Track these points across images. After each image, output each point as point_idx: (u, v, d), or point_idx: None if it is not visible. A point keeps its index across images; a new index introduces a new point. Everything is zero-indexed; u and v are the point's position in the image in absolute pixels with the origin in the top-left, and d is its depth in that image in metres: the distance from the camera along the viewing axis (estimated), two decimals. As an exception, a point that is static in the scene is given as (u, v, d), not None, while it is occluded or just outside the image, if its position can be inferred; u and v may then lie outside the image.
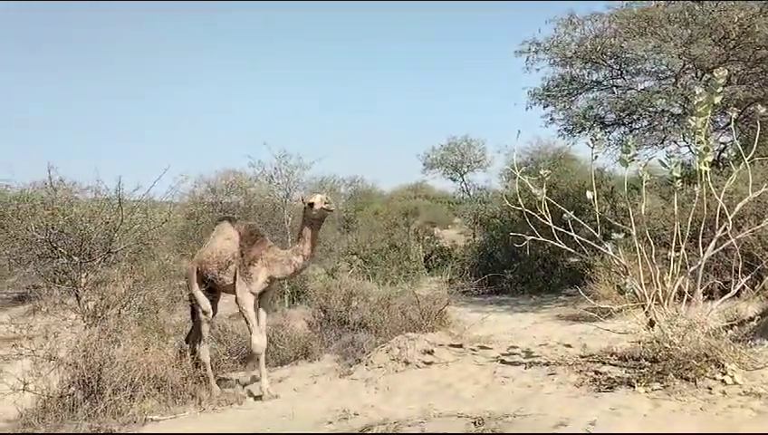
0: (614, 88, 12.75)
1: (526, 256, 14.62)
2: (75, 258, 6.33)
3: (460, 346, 6.99)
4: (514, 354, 6.58)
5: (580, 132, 13.38)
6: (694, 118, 5.07)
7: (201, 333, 6.79)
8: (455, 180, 28.28)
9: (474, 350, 6.88)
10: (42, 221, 6.30)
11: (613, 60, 12.30)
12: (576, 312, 10.96)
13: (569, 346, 6.94)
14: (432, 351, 6.73)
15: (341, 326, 9.98)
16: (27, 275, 7.48)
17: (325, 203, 6.09)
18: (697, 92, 5.16)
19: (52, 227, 6.22)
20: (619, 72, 12.60)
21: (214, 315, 7.06)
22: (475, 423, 3.59)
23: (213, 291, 6.83)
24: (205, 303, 6.72)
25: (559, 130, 13.61)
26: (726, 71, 5.31)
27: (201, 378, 6.34)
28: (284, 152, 17.00)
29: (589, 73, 12.89)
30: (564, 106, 12.96)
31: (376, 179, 40.34)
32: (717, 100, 5.10)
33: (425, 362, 6.52)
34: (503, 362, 6.31)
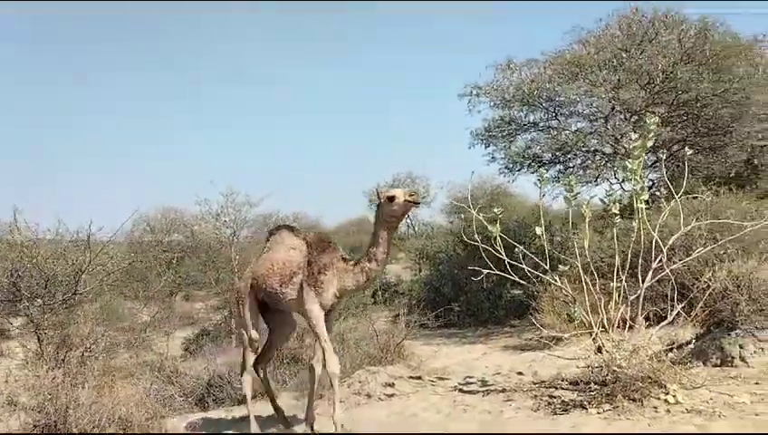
0: (549, 129, 13.52)
1: (472, 289, 15.09)
2: (38, 300, 6.26)
3: (419, 378, 7.26)
4: (471, 383, 6.89)
5: (519, 170, 14.08)
6: (630, 160, 5.58)
7: (244, 360, 6.30)
8: (399, 216, 28.76)
9: (432, 381, 7.16)
10: (8, 264, 6.19)
11: (548, 103, 13.08)
12: (522, 341, 11.40)
13: (521, 374, 7.31)
14: (393, 383, 6.96)
15: (296, 364, 10.07)
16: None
17: (410, 196, 5.39)
18: (633, 137, 5.70)
19: (16, 270, 6.12)
20: (554, 114, 13.39)
21: (286, 338, 6.66)
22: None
23: (266, 310, 6.27)
24: (252, 331, 6.14)
25: (500, 169, 14.29)
26: (657, 117, 5.88)
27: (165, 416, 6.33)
28: (231, 190, 17.09)
29: (526, 115, 13.63)
30: (504, 146, 13.64)
31: (320, 215, 40.47)
32: (650, 143, 5.64)
33: (386, 395, 6.75)
34: (461, 391, 6.60)
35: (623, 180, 13.61)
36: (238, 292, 6.36)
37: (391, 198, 5.33)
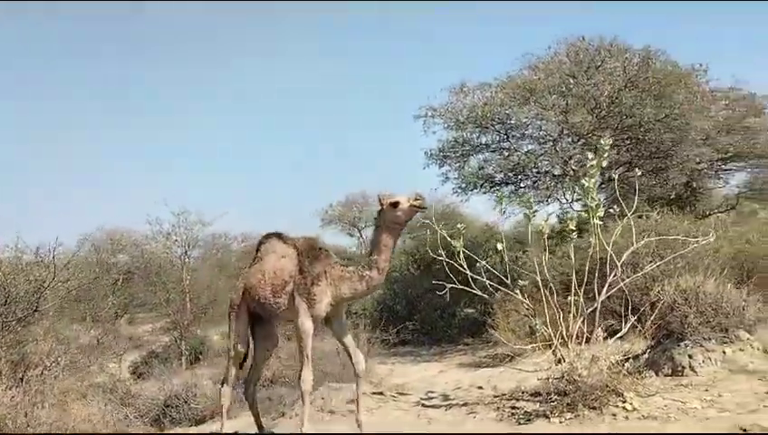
0: (502, 150, 13.89)
1: (425, 307, 15.26)
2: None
3: (381, 393, 7.33)
4: (433, 398, 7.00)
5: (472, 190, 14.38)
6: (587, 179, 5.85)
7: (228, 371, 6.05)
8: (352, 235, 28.75)
9: (394, 396, 7.24)
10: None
11: (500, 125, 13.44)
12: (477, 359, 11.59)
13: (481, 388, 7.45)
14: (354, 400, 6.99)
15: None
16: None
17: (415, 200, 5.20)
18: (589, 157, 5.98)
19: None
20: (506, 136, 13.76)
21: (267, 350, 6.33)
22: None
23: (259, 321, 6.05)
24: (241, 345, 5.92)
25: (453, 188, 14.55)
26: (611, 139, 6.18)
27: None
28: (183, 209, 16.87)
29: (478, 137, 13.94)
30: (458, 166, 13.93)
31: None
32: (605, 163, 5.94)
33: (349, 411, 6.77)
34: (423, 405, 6.71)
35: (572, 200, 14.14)
36: (231, 304, 6.11)
37: (395, 204, 5.18)
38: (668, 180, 14.35)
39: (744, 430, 4.34)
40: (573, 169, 12.44)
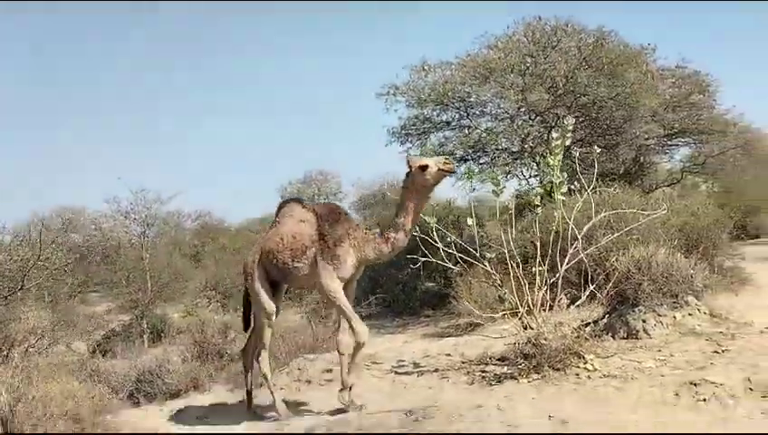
0: (462, 128, 14.22)
1: (387, 282, 15.60)
2: None
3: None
4: (404, 366, 7.33)
5: (433, 166, 14.72)
6: (551, 157, 6.20)
7: (262, 340, 6.14)
8: (311, 212, 28.95)
9: (367, 366, 7.52)
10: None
11: (460, 103, 13.76)
12: (440, 329, 12.00)
13: (449, 355, 7.81)
14: (331, 369, 7.27)
15: (220, 358, 10.18)
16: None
17: (444, 164, 5.24)
18: (554, 136, 6.33)
19: None
20: (466, 113, 14.10)
21: (276, 316, 6.27)
22: (406, 414, 4.24)
23: (275, 287, 6.12)
24: (269, 303, 5.98)
25: (415, 166, 14.85)
26: (573, 119, 6.54)
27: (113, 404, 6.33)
28: (142, 188, 16.70)
29: (439, 114, 14.26)
30: (420, 143, 14.21)
31: (225, 213, 39.79)
32: (568, 142, 6.30)
33: (326, 380, 7.06)
34: (396, 372, 7.03)
35: (530, 176, 14.62)
36: (246, 268, 6.13)
37: (424, 167, 5.20)
38: (618, 156, 14.99)
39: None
40: (531, 146, 12.87)
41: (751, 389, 4.68)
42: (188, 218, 33.40)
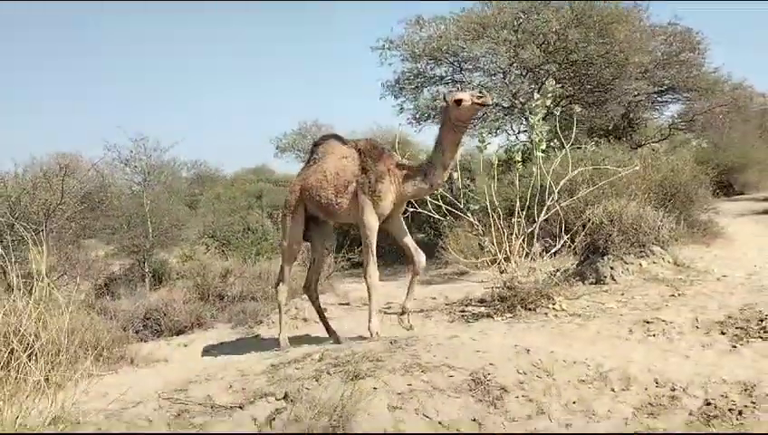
0: (455, 82, 14.56)
1: (380, 232, 16.14)
2: (6, 237, 6.53)
3: (348, 304, 8.27)
4: (393, 307, 7.96)
5: (426, 120, 15.15)
6: (532, 116, 6.68)
7: (282, 272, 6.32)
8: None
9: (359, 306, 8.17)
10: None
11: (454, 58, 14.09)
12: (428, 277, 12.64)
13: (434, 298, 8.44)
14: (326, 309, 7.89)
15: (221, 300, 10.81)
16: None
17: (478, 97, 5.26)
18: (535, 97, 6.79)
19: None
20: (459, 68, 14.44)
21: (326, 249, 6.57)
22: (391, 343, 4.85)
23: (314, 221, 6.22)
24: (296, 242, 6.14)
25: (408, 119, 15.27)
26: (554, 81, 6.99)
27: (126, 338, 6.93)
28: (141, 136, 17.01)
29: (433, 69, 14.60)
30: (413, 97, 14.59)
31: (221, 163, 40.17)
32: (549, 102, 6.77)
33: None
34: (385, 313, 7.66)
35: (519, 132, 15.06)
36: (287, 204, 6.20)
37: (459, 102, 5.22)
38: (607, 112, 15.40)
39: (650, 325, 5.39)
40: (521, 102, 13.27)
41: (697, 326, 5.29)
42: (184, 167, 33.58)
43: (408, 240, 6.00)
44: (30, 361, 4.87)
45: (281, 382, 4.35)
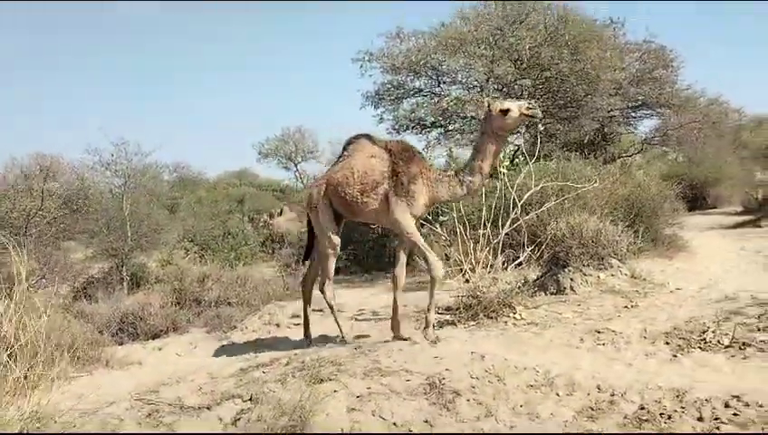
0: (433, 95, 14.93)
1: (358, 239, 16.44)
2: None
3: (321, 311, 8.49)
4: (363, 314, 8.27)
5: (405, 131, 15.49)
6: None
7: (326, 271, 6.32)
8: (288, 169, 29.57)
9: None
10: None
11: (432, 71, 14.44)
12: (404, 285, 12.95)
13: (405, 306, 8.67)
14: (299, 315, 8.14)
15: (198, 305, 11.01)
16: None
17: (527, 109, 5.27)
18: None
19: None
20: (437, 81, 14.80)
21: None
22: (355, 348, 5.12)
23: (337, 219, 6.23)
24: (334, 234, 6.16)
25: (387, 129, 15.60)
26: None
27: (102, 341, 7.12)
28: (123, 140, 17.17)
29: (412, 81, 14.93)
30: (393, 108, 14.92)
31: (203, 167, 40.31)
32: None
33: (294, 324, 7.94)
34: (356, 319, 7.95)
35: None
36: (311, 200, 6.23)
37: (505, 111, 5.23)
38: (581, 127, 15.83)
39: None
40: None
41: (645, 337, 5.62)
42: (166, 170, 33.64)
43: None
44: (9, 361, 5.08)
45: (248, 385, 4.60)
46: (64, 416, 4.44)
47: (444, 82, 14.77)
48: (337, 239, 6.21)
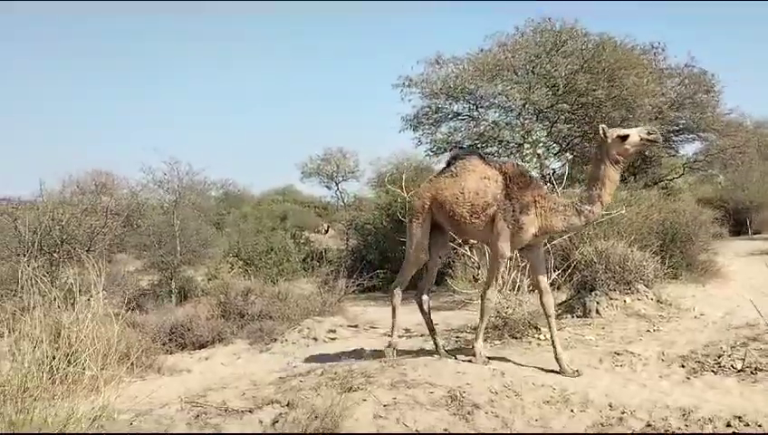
0: (471, 118, 15.33)
1: (396, 257, 16.85)
2: (55, 255, 7.41)
3: (356, 326, 8.98)
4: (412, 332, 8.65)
5: (442, 153, 15.93)
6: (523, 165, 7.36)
7: (401, 276, 6.31)
8: (329, 188, 30.31)
9: (366, 329, 8.88)
10: (36, 224, 7.25)
11: (470, 96, 14.85)
12: (439, 303, 13.27)
13: (437, 324, 9.05)
14: (335, 330, 8.63)
15: (242, 317, 11.57)
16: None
17: (648, 134, 5.15)
18: (525, 147, 7.48)
19: (44, 230, 7.21)
20: (475, 105, 15.20)
21: (440, 258, 6.39)
22: (383, 362, 5.54)
23: (436, 230, 6.06)
24: (422, 248, 5.98)
25: (425, 151, 16.08)
26: (544, 132, 7.67)
27: (154, 350, 7.70)
28: (175, 159, 18.13)
29: (450, 105, 15.37)
30: (431, 132, 15.37)
31: (249, 183, 41.50)
32: (540, 151, 7.45)
33: (330, 338, 8.41)
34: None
35: (532, 168, 15.70)
36: (413, 210, 6.08)
37: (624, 138, 5.12)
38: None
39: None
40: (532, 141, 13.95)
41: (662, 359, 5.88)
42: (213, 187, 34.74)
43: (542, 278, 5.73)
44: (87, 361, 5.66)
45: (286, 392, 5.06)
46: (123, 414, 4.98)
47: (482, 107, 15.15)
48: (424, 256, 6.07)
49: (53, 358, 4.59)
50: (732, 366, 5.41)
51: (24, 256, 7.27)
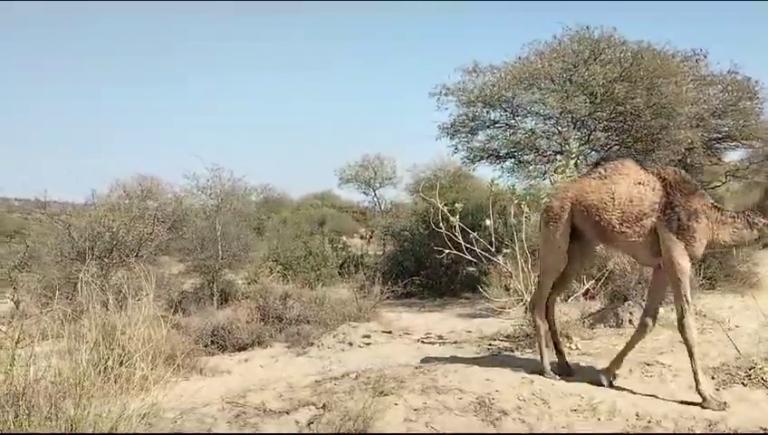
0: (507, 126, 15.39)
1: (432, 264, 17.03)
2: (105, 260, 7.84)
3: (390, 332, 9.18)
4: (430, 337, 8.83)
5: (479, 161, 16.03)
6: (557, 174, 7.47)
7: (540, 289, 5.83)
8: (367, 194, 30.64)
9: (400, 335, 9.07)
10: (87, 230, 7.70)
11: (507, 104, 14.91)
12: (474, 311, 13.39)
13: (469, 332, 9.26)
14: (369, 335, 8.85)
15: (280, 321, 11.88)
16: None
17: None
18: (558, 159, 7.59)
19: (95, 236, 7.65)
20: (512, 114, 15.25)
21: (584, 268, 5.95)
22: (416, 368, 5.73)
23: (578, 237, 5.58)
24: (562, 254, 5.50)
25: (462, 159, 16.20)
26: (577, 143, 7.76)
27: (197, 351, 8.04)
28: (217, 166, 18.65)
29: (487, 113, 15.44)
30: (467, 140, 15.48)
31: (287, 187, 42.13)
32: (573, 163, 7.54)
33: (365, 343, 8.63)
34: (422, 342, 8.54)
35: (568, 176, 15.67)
36: (550, 212, 5.60)
37: None
38: (659, 160, 15.81)
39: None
40: (568, 150, 13.93)
41: (693, 371, 5.91)
42: (254, 192, 35.36)
43: (657, 308, 5.56)
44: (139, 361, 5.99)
45: (321, 395, 5.30)
46: (169, 413, 5.28)
47: (518, 115, 15.19)
48: (561, 264, 5.59)
49: (108, 358, 4.89)
50: (762, 379, 5.43)
51: (78, 260, 7.72)
